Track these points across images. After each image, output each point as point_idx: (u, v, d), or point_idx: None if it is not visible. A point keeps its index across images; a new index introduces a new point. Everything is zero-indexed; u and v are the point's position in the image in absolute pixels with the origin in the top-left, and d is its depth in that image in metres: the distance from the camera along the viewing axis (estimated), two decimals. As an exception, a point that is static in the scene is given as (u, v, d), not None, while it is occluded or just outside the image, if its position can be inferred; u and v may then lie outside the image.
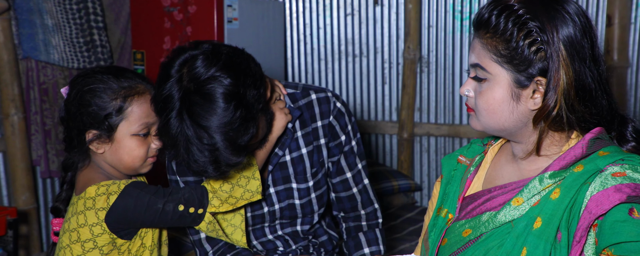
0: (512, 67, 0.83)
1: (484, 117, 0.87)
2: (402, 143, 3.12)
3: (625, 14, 2.67)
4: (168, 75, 1.02)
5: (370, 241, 1.39)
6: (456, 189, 0.98)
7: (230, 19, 2.66)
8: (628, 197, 0.75)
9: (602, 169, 0.80)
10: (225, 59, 1.01)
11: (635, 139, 0.87)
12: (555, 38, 0.80)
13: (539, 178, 0.84)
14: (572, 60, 0.81)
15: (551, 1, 0.83)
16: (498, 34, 0.83)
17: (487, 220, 0.87)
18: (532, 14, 0.82)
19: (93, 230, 1.14)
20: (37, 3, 2.57)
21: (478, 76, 0.87)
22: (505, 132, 0.88)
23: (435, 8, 2.98)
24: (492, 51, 0.84)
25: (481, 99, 0.87)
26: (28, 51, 2.60)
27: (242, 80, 1.01)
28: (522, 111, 0.85)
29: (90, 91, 1.17)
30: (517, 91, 0.84)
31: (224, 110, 0.98)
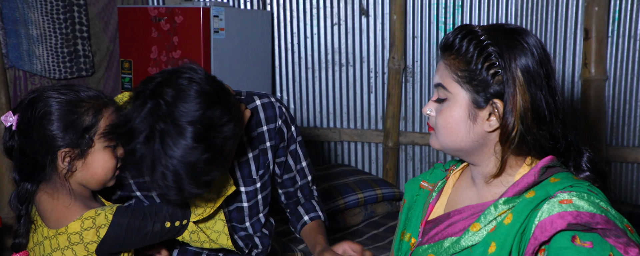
0: (471, 87, 0.88)
1: (443, 136, 0.92)
2: (387, 151, 3.16)
3: (602, 27, 2.74)
4: (144, 101, 1.03)
5: (308, 211, 1.50)
6: (419, 214, 1.02)
7: (216, 29, 2.69)
8: (568, 224, 0.79)
9: (552, 195, 0.84)
10: (204, 98, 1.02)
11: (589, 169, 0.91)
12: (513, 64, 0.86)
13: (494, 205, 0.88)
14: (529, 86, 0.86)
15: (512, 32, 0.89)
16: (460, 56, 0.89)
17: (448, 246, 0.91)
18: (493, 40, 0.87)
19: (77, 251, 1.13)
20: (23, 14, 2.60)
21: (439, 97, 0.92)
22: (462, 151, 0.93)
23: (419, 19, 3.04)
24: (454, 71, 0.90)
25: (441, 118, 0.92)
26: (13, 61, 2.62)
27: (216, 122, 1.03)
28: (478, 132, 0.89)
29: (60, 107, 1.12)
30: (474, 112, 0.89)
31: (192, 149, 1.00)
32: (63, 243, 1.13)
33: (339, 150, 3.30)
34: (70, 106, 1.13)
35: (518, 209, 0.85)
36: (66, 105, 1.13)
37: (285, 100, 3.31)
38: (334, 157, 3.32)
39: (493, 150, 0.91)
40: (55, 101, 1.13)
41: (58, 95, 1.14)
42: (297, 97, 3.29)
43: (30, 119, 1.13)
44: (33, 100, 1.14)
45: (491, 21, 2.91)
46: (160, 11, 2.70)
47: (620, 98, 2.82)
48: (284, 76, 3.28)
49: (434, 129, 0.94)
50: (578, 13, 2.78)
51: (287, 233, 2.57)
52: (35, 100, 1.14)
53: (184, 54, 2.68)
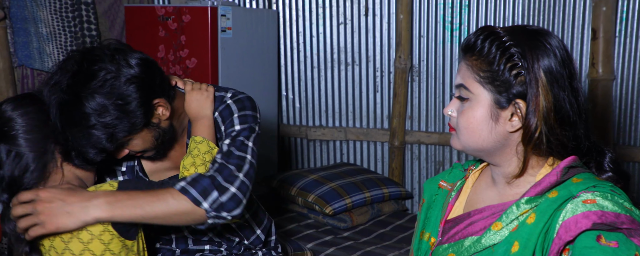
0: (493, 88, 0.89)
1: (464, 136, 0.92)
2: (393, 150, 3.17)
3: (610, 27, 2.74)
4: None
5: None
6: (438, 213, 1.02)
7: (224, 28, 2.69)
8: (593, 224, 0.79)
9: (575, 195, 0.84)
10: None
11: (611, 169, 0.92)
12: (535, 65, 0.86)
13: (516, 204, 0.88)
14: (551, 86, 0.86)
15: (534, 33, 0.89)
16: (482, 57, 0.89)
17: (469, 245, 0.91)
18: (515, 41, 0.88)
19: (102, 238, 1.12)
20: (32, 12, 2.60)
21: (461, 96, 0.93)
22: (484, 152, 0.93)
23: (426, 18, 3.04)
24: (476, 72, 0.90)
25: (462, 118, 0.92)
26: (22, 59, 2.63)
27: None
28: (500, 132, 0.90)
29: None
30: (496, 112, 0.89)
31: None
32: (85, 236, 1.13)
33: (345, 149, 3.30)
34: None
35: (541, 209, 0.85)
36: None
37: (290, 99, 3.32)
38: (339, 156, 3.32)
39: (515, 150, 0.91)
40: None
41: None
42: (302, 96, 3.29)
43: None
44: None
45: (498, 21, 2.91)
46: (167, 10, 2.70)
47: (627, 98, 2.82)
48: (290, 75, 3.28)
49: (455, 130, 0.95)
50: (586, 13, 2.78)
51: (296, 232, 2.57)
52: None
53: (191, 53, 2.68)
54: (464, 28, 2.98)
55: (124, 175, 1.35)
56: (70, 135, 1.10)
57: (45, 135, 1.13)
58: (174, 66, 2.73)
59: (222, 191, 1.14)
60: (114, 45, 1.17)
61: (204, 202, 1.12)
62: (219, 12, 2.64)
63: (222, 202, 1.14)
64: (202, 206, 1.12)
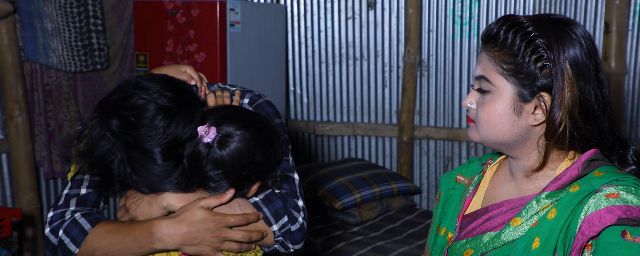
0: (517, 80, 0.85)
1: (484, 129, 0.89)
2: (401, 146, 3.15)
3: (623, 21, 2.70)
4: (101, 130, 0.97)
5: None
6: (455, 208, 1.00)
7: (232, 22, 2.68)
8: (618, 219, 0.77)
9: (597, 189, 0.82)
10: (163, 114, 0.97)
11: (635, 162, 0.89)
12: (561, 57, 0.83)
13: (536, 199, 0.86)
14: (577, 79, 0.83)
15: (560, 23, 0.86)
16: (506, 48, 0.86)
17: (488, 241, 0.89)
18: (541, 32, 0.85)
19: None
20: (38, 7, 2.59)
21: (482, 88, 0.89)
22: (504, 145, 0.90)
23: (435, 13, 3.01)
24: (498, 64, 0.87)
25: (483, 111, 0.89)
26: (29, 54, 2.63)
27: (181, 135, 0.99)
28: (523, 126, 0.87)
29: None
30: (519, 105, 0.86)
31: (164, 167, 0.99)
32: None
33: (353, 145, 3.29)
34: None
35: (562, 203, 0.83)
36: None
37: (298, 94, 3.30)
38: (347, 151, 3.31)
39: (536, 143, 0.88)
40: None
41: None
42: (310, 91, 3.27)
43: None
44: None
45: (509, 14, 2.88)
46: (176, 4, 2.69)
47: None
48: (298, 70, 3.27)
49: (474, 122, 0.92)
50: (598, 6, 2.75)
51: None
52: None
53: (200, 47, 2.67)
54: (473, 22, 2.95)
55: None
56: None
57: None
58: (182, 61, 2.72)
59: (292, 219, 1.10)
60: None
61: (274, 224, 1.08)
62: (227, 6, 2.63)
63: (291, 231, 1.10)
64: (273, 228, 1.08)
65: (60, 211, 1.06)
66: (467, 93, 2.47)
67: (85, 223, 1.04)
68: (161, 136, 0.95)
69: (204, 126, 1.00)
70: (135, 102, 0.95)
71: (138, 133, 0.95)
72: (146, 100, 0.95)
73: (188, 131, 0.99)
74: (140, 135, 0.95)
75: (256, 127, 1.04)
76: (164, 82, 0.99)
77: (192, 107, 1.00)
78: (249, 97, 1.22)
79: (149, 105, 0.95)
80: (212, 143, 1.01)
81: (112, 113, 0.96)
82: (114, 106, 0.96)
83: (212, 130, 1.00)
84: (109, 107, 0.97)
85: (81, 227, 1.03)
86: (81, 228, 1.03)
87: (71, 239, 1.03)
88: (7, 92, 2.57)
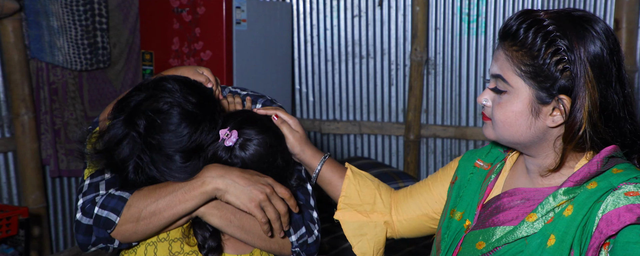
0: (536, 83, 0.82)
1: (500, 129, 0.87)
2: (408, 144, 3.13)
3: (633, 18, 2.67)
4: (126, 130, 0.96)
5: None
6: (473, 194, 0.98)
7: (238, 20, 2.67)
8: (638, 218, 0.75)
9: (616, 187, 0.80)
10: (188, 122, 0.97)
11: None
12: (583, 57, 0.80)
13: (553, 195, 0.84)
14: (598, 81, 0.80)
15: (581, 20, 0.83)
16: (525, 48, 0.83)
17: (501, 235, 0.87)
18: (562, 31, 0.81)
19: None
20: (44, 5, 2.59)
21: (498, 88, 0.87)
22: (520, 145, 0.89)
23: (442, 10, 2.99)
24: (516, 64, 0.83)
25: (499, 111, 0.86)
26: (35, 52, 2.63)
27: (204, 142, 1.00)
28: (540, 127, 0.85)
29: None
30: (537, 107, 0.84)
31: (182, 164, 0.99)
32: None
33: (359, 143, 3.27)
34: None
35: (579, 201, 0.81)
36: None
37: (304, 92, 3.29)
38: (353, 150, 3.29)
39: (553, 144, 0.86)
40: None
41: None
42: (316, 90, 3.26)
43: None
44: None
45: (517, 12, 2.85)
46: (182, 2, 2.68)
47: (650, 91, 2.76)
48: (304, 68, 3.25)
49: (490, 119, 0.90)
50: (608, 3, 2.72)
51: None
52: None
53: (206, 45, 2.66)
54: (481, 20, 2.92)
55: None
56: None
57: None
58: (188, 59, 2.71)
59: (309, 232, 1.11)
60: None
61: (293, 235, 1.09)
62: (233, 4, 2.62)
63: (308, 243, 1.10)
64: (291, 238, 1.09)
65: (91, 196, 1.03)
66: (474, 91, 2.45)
67: (123, 193, 1.01)
68: (185, 143, 0.96)
69: (226, 129, 1.01)
70: (161, 106, 0.95)
71: (162, 138, 0.95)
72: (171, 104, 0.96)
73: (211, 138, 1.00)
74: (165, 140, 0.95)
75: (275, 133, 1.06)
76: (188, 86, 0.99)
77: (216, 114, 1.01)
78: (261, 102, 1.22)
79: (174, 109, 0.95)
80: (234, 147, 1.02)
81: (139, 113, 0.95)
82: (140, 106, 0.96)
83: (234, 134, 1.01)
84: (134, 106, 0.96)
85: (119, 197, 1.00)
86: (120, 198, 1.00)
87: (110, 210, 0.99)
88: (13, 91, 2.57)
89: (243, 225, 1.04)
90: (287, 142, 1.09)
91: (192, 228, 1.04)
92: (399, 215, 1.11)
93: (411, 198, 1.11)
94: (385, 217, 1.11)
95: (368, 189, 1.11)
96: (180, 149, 0.96)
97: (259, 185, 1.01)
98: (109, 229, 0.99)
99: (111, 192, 1.02)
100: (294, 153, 1.11)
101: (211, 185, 0.99)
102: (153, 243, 1.03)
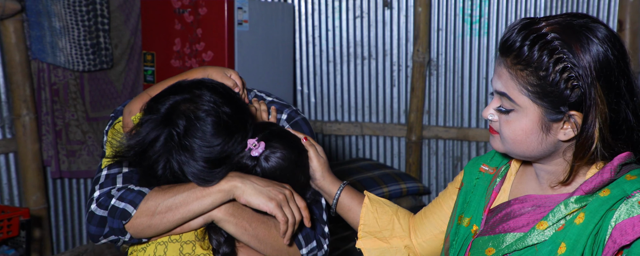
0: (545, 102, 0.80)
1: (510, 145, 0.85)
2: (410, 146, 3.12)
3: (637, 19, 2.66)
4: (159, 129, 0.96)
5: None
6: (480, 199, 0.97)
7: (240, 21, 2.66)
8: None
9: (629, 195, 0.79)
10: (221, 132, 0.97)
11: None
12: (591, 72, 0.77)
13: (565, 203, 0.83)
14: (607, 95, 0.78)
15: (583, 28, 0.79)
16: (531, 67, 0.79)
17: (511, 242, 0.86)
18: (567, 46, 0.78)
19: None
20: (46, 5, 2.58)
21: (504, 106, 0.84)
22: (531, 158, 0.87)
23: (444, 11, 2.98)
24: (523, 84, 0.80)
25: (507, 128, 0.84)
26: (36, 53, 2.62)
27: (234, 151, 1.01)
28: (552, 142, 0.83)
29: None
30: (547, 124, 0.81)
31: (205, 169, 0.98)
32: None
33: (361, 144, 3.26)
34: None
35: (591, 209, 0.80)
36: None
37: (306, 93, 3.28)
38: (355, 151, 3.28)
39: (563, 155, 0.85)
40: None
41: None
42: (318, 91, 3.25)
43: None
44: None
45: (519, 14, 2.85)
46: (183, 3, 2.67)
47: (652, 92, 2.75)
48: (305, 69, 3.25)
49: (497, 133, 0.88)
50: (612, 4, 2.71)
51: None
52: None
53: (207, 46, 2.65)
54: (483, 21, 2.91)
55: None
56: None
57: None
58: (190, 59, 2.71)
59: (319, 246, 1.12)
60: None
61: (304, 248, 1.10)
62: (235, 4, 2.61)
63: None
64: (302, 251, 1.10)
65: (107, 189, 1.03)
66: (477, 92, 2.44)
67: (142, 188, 1.02)
68: (216, 154, 0.96)
69: (254, 140, 1.02)
70: (199, 112, 0.95)
71: (195, 142, 0.95)
72: (208, 112, 0.96)
73: (240, 147, 1.00)
74: (196, 145, 0.95)
75: (299, 150, 1.08)
76: (225, 96, 0.99)
77: (248, 126, 1.02)
78: (287, 113, 1.22)
79: (209, 118, 0.95)
80: (259, 157, 1.03)
81: (179, 113, 0.95)
82: (180, 107, 0.95)
83: (261, 145, 1.02)
84: (173, 105, 0.96)
85: (139, 191, 1.01)
86: (139, 192, 1.01)
87: (128, 202, 1.00)
88: (14, 91, 2.56)
89: (258, 234, 1.04)
90: (311, 166, 1.11)
91: (208, 232, 1.04)
92: (418, 238, 1.10)
93: (426, 218, 1.10)
94: (405, 241, 1.11)
95: (386, 215, 1.11)
96: (209, 158, 0.96)
97: (278, 187, 1.02)
98: (125, 220, 1.00)
99: (130, 187, 1.02)
100: (314, 179, 1.12)
101: (229, 183, 0.99)
102: (164, 242, 1.03)
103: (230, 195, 1.00)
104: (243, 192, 0.99)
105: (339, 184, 1.12)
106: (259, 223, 1.04)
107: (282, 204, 1.01)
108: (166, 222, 1.00)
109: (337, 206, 1.13)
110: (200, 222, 1.02)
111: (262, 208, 1.00)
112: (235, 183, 1.00)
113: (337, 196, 1.11)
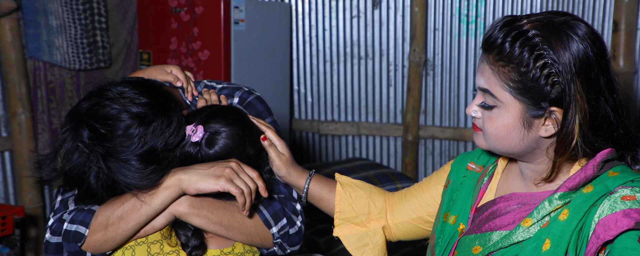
0: (526, 98, 0.81)
1: (492, 141, 0.86)
2: (406, 145, 3.12)
3: (632, 19, 2.67)
4: (74, 144, 0.92)
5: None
6: (466, 197, 0.97)
7: (236, 20, 2.66)
8: (636, 223, 0.74)
9: (612, 191, 0.79)
10: (138, 123, 0.93)
11: None
12: (571, 69, 0.78)
13: (549, 200, 0.83)
14: (588, 91, 0.79)
15: (563, 26, 0.80)
16: (512, 64, 0.80)
17: (497, 240, 0.87)
18: (548, 43, 0.79)
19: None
20: (43, 4, 2.58)
21: (487, 103, 0.85)
22: (514, 154, 0.88)
23: (441, 11, 2.98)
24: (504, 80, 0.81)
25: (490, 124, 0.85)
26: (32, 51, 2.62)
27: (158, 144, 0.96)
28: (533, 138, 0.84)
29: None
30: (529, 119, 0.82)
31: (143, 170, 0.95)
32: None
33: (357, 144, 3.26)
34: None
35: (575, 205, 0.81)
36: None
37: (302, 93, 3.28)
38: (352, 151, 3.28)
39: (546, 152, 0.86)
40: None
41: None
42: (315, 90, 3.25)
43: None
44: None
45: (515, 13, 2.85)
46: (180, 2, 2.68)
47: (648, 93, 2.76)
48: (302, 69, 3.25)
49: (481, 130, 0.89)
50: (607, 4, 2.72)
51: (309, 226, 2.54)
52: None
53: (204, 45, 2.66)
54: (479, 21, 2.92)
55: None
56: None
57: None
58: (186, 58, 2.71)
59: (291, 223, 1.11)
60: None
61: (274, 226, 1.09)
62: (232, 4, 2.61)
63: (290, 234, 1.11)
64: (272, 230, 1.09)
65: (59, 214, 1.02)
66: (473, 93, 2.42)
67: (92, 206, 1.00)
68: (136, 146, 0.92)
69: (192, 125, 1.00)
70: (107, 112, 0.92)
71: (112, 145, 0.92)
72: (118, 109, 0.92)
73: (168, 137, 0.96)
74: (115, 146, 0.92)
75: (243, 123, 1.03)
76: (138, 86, 0.95)
77: (170, 111, 0.97)
78: (239, 95, 1.19)
79: (121, 114, 0.92)
80: (201, 142, 1.00)
81: (81, 123, 0.92)
82: (84, 116, 0.92)
83: (199, 129, 0.99)
84: (78, 116, 0.93)
85: (88, 210, 0.99)
86: (88, 211, 0.99)
87: (79, 223, 0.98)
88: (10, 90, 2.56)
89: (222, 221, 1.03)
90: (273, 165, 1.08)
91: (174, 229, 1.02)
92: (394, 219, 1.10)
93: (406, 201, 1.10)
94: (382, 222, 1.11)
95: (360, 199, 1.10)
96: (134, 152, 0.92)
97: (222, 163, 0.99)
98: (79, 242, 0.98)
99: (79, 207, 1.00)
100: (280, 176, 1.10)
101: (173, 178, 0.97)
102: (131, 246, 1.02)
103: (178, 189, 0.98)
104: (189, 182, 0.97)
105: (306, 175, 1.11)
106: (220, 210, 1.03)
107: (232, 177, 0.98)
108: (121, 232, 0.98)
109: (309, 198, 1.12)
110: (163, 221, 1.01)
111: (213, 189, 0.98)
112: (179, 176, 0.97)
113: (306, 189, 1.10)
